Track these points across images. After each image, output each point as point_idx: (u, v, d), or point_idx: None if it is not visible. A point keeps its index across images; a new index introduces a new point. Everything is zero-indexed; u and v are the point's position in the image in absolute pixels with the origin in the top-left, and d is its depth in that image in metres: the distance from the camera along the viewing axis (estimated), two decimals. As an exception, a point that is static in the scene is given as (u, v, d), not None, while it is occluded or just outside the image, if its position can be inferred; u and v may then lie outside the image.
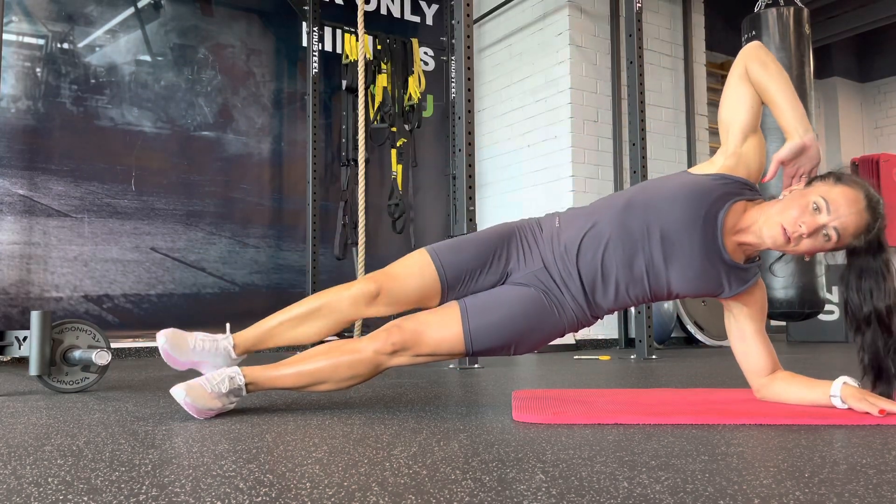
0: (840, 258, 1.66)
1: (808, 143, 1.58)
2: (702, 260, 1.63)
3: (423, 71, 5.43)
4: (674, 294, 1.69)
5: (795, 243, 1.56)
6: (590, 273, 1.66)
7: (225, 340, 1.76)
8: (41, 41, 4.17)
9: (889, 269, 1.58)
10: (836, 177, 1.58)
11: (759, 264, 1.72)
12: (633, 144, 3.82)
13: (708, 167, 1.69)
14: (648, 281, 1.66)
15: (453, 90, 5.35)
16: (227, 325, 1.83)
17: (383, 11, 5.47)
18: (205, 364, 1.74)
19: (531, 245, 1.72)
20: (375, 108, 5.09)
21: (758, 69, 1.64)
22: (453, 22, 3.31)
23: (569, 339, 4.62)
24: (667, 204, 1.63)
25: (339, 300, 1.72)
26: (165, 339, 1.70)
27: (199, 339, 1.73)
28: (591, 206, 1.75)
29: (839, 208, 1.53)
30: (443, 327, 1.66)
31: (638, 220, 1.64)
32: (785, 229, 1.55)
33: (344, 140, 5.07)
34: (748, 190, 1.65)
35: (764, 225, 1.59)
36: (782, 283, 4.25)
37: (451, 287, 1.71)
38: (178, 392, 1.57)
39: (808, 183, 1.60)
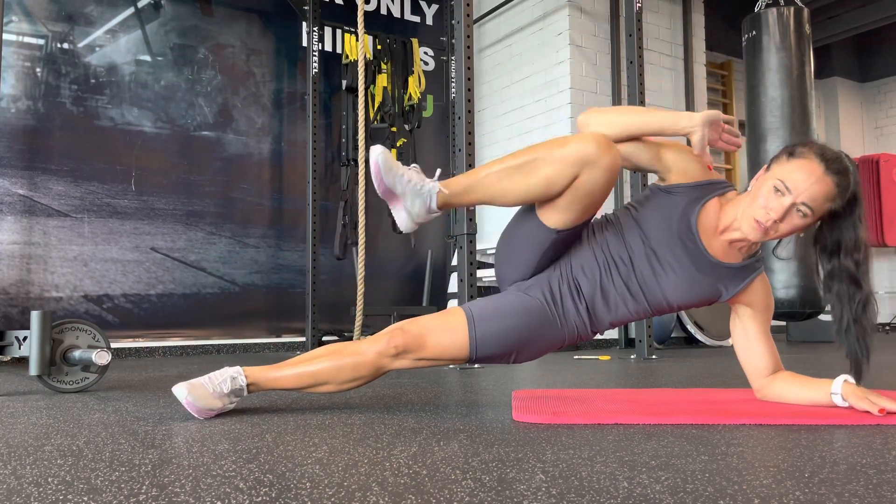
0: None
1: (698, 124, 1.60)
2: (691, 270, 1.65)
3: (423, 71, 5.42)
4: (674, 306, 1.70)
5: (774, 230, 1.57)
6: (590, 292, 1.68)
7: (432, 184, 1.62)
8: (41, 41, 4.17)
9: (862, 222, 1.58)
10: (789, 152, 1.59)
11: (760, 258, 1.71)
12: (633, 144, 3.81)
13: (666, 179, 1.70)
14: (646, 298, 1.68)
15: (453, 90, 5.35)
16: (438, 171, 1.72)
17: (383, 11, 5.47)
18: (401, 199, 1.62)
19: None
20: (375, 108, 5.08)
21: (607, 129, 1.61)
22: (453, 22, 3.31)
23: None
24: (646, 223, 1.67)
25: (562, 152, 1.53)
26: (381, 154, 1.59)
27: (409, 171, 1.62)
28: (590, 227, 1.75)
29: (798, 184, 1.53)
30: (447, 333, 1.65)
31: (627, 242, 1.67)
32: (758, 221, 1.55)
33: (344, 140, 5.07)
34: (711, 186, 1.66)
35: (742, 221, 1.60)
36: (784, 282, 4.25)
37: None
38: (180, 391, 1.57)
39: (768, 167, 1.61)
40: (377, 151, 1.59)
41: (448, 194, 1.62)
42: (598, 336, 4.85)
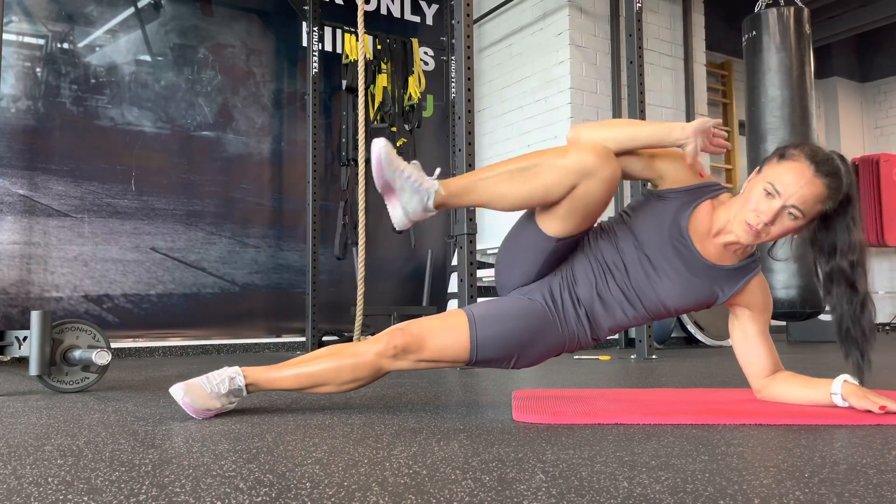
0: None
1: (691, 135, 1.58)
2: (685, 275, 1.65)
3: (423, 71, 5.42)
4: (672, 311, 1.70)
5: (765, 233, 1.57)
6: (588, 299, 1.68)
7: (431, 182, 1.59)
8: (41, 41, 4.17)
9: (856, 223, 1.57)
10: (780, 154, 1.59)
11: (757, 259, 1.71)
12: (633, 144, 3.81)
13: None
14: (643, 304, 1.68)
15: (453, 90, 5.35)
16: (438, 170, 1.66)
17: (383, 11, 5.47)
18: (398, 195, 1.59)
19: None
20: (375, 108, 5.09)
21: (608, 140, 1.59)
22: (453, 22, 3.31)
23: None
24: (638, 229, 1.67)
25: (563, 161, 1.52)
26: (383, 147, 1.55)
27: (410, 167, 1.59)
28: (588, 235, 1.75)
29: (787, 187, 1.53)
30: (448, 334, 1.65)
31: (620, 248, 1.67)
32: (749, 224, 1.56)
33: (344, 140, 5.07)
34: (702, 189, 1.66)
35: (734, 224, 1.60)
36: (783, 283, 4.25)
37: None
38: (177, 392, 1.57)
39: (759, 169, 1.61)
40: (380, 144, 1.57)
41: (446, 194, 1.60)
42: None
